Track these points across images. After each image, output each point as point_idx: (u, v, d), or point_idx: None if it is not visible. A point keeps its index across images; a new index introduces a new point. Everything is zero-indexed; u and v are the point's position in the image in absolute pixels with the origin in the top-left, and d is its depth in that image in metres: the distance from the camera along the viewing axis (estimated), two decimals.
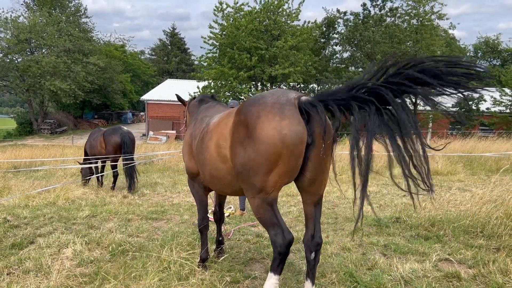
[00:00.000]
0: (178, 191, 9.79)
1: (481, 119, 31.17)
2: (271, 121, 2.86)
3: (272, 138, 2.83)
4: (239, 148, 3.05)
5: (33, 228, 5.83)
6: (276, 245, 3.02)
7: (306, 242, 3.25)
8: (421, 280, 3.86)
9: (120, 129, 10.11)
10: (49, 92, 38.45)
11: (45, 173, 13.30)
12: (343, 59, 34.40)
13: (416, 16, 29.14)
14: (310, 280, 3.27)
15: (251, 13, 27.50)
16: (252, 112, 2.98)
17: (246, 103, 3.16)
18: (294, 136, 2.82)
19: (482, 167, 12.95)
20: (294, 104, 2.90)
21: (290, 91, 3.08)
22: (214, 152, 3.49)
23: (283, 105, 2.89)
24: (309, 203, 3.27)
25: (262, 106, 2.97)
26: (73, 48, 40.03)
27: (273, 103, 2.94)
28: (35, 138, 37.45)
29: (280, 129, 2.82)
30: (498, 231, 4.98)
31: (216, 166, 3.52)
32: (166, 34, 69.80)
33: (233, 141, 3.15)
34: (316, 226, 3.25)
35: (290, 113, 2.85)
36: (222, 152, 3.36)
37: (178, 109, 38.21)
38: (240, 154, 3.04)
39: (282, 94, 3.02)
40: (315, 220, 3.26)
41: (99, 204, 8.00)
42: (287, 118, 2.84)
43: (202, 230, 4.40)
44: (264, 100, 3.01)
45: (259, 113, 2.93)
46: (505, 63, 56.97)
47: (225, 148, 3.31)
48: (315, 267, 3.27)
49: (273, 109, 2.90)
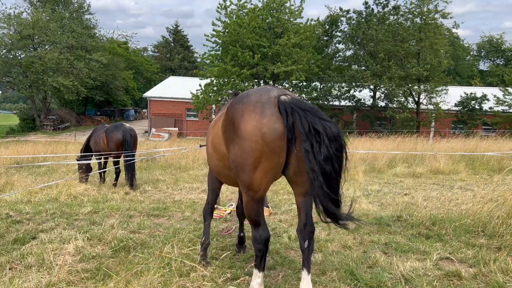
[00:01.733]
0: (179, 188, 9.80)
1: (484, 119, 31.06)
2: (252, 119, 3.04)
3: (253, 136, 3.01)
4: (231, 145, 3.24)
5: (35, 224, 5.85)
6: (255, 242, 3.27)
7: (299, 231, 3.36)
8: (422, 278, 3.86)
9: (122, 126, 10.12)
10: (51, 89, 38.52)
11: (48, 169, 13.34)
12: (346, 57, 34.37)
13: (420, 15, 29.04)
14: (306, 269, 3.35)
15: (254, 10, 27.47)
16: (237, 110, 3.17)
17: (233, 102, 3.34)
18: (273, 133, 2.98)
19: (484, 167, 12.91)
20: (274, 103, 3.05)
21: (272, 89, 3.23)
22: (211, 149, 3.81)
23: (264, 104, 3.07)
24: (299, 193, 3.38)
25: (246, 104, 3.15)
26: (76, 44, 40.06)
27: (255, 102, 3.12)
28: (38, 134, 37.55)
29: (260, 127, 3.00)
30: (499, 230, 4.97)
31: (213, 162, 3.85)
32: (169, 31, 69.81)
33: (225, 138, 3.35)
34: (308, 215, 3.35)
35: (269, 112, 3.02)
36: (218, 148, 3.60)
37: (180, 106, 38.24)
38: (231, 151, 3.23)
39: (264, 93, 3.19)
40: (306, 209, 3.36)
41: (101, 201, 8.02)
42: (266, 117, 3.01)
43: (206, 217, 4.57)
44: (248, 98, 3.19)
45: (243, 112, 3.12)
46: (509, 62, 56.73)
47: (220, 145, 3.51)
48: (309, 255, 3.35)
49: (255, 108, 3.08)
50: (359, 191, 9.11)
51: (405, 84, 28.39)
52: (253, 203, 3.24)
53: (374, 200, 8.06)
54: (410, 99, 30.34)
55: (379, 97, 31.86)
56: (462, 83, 51.68)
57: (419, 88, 28.80)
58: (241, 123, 3.08)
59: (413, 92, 29.75)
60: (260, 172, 3.08)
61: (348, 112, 32.78)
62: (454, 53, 49.72)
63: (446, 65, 29.84)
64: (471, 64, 62.71)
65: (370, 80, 28.91)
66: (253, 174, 3.10)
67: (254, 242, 3.30)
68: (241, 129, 3.07)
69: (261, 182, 3.14)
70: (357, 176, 11.41)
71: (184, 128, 37.75)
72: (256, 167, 3.07)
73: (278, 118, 2.99)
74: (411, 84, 28.71)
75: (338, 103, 32.23)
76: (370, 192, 8.98)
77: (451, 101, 30.91)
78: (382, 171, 12.55)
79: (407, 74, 27.65)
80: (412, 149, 14.79)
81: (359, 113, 32.76)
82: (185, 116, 38.48)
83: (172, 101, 38.45)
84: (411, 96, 30.27)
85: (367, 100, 32.18)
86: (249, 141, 3.02)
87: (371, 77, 28.89)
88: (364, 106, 32.08)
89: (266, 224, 3.33)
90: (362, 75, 29.48)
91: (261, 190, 3.19)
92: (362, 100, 31.78)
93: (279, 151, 3.03)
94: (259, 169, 3.07)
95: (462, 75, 56.98)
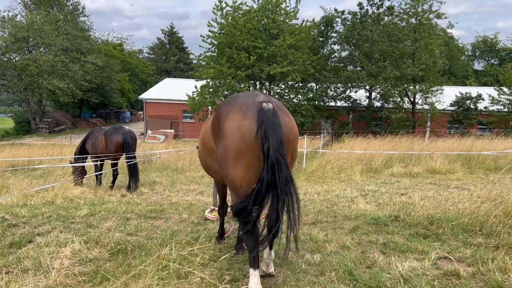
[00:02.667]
0: (176, 190, 9.78)
1: (479, 118, 31.20)
2: (235, 119, 3.35)
3: (234, 134, 3.31)
4: (218, 142, 3.53)
5: (32, 227, 5.81)
6: (245, 239, 3.43)
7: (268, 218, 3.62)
8: (420, 278, 3.86)
9: (121, 128, 10.09)
10: (47, 91, 38.37)
11: (43, 172, 13.27)
12: (342, 58, 34.42)
13: (415, 15, 29.14)
14: (269, 245, 3.70)
15: (249, 12, 27.47)
16: (224, 110, 3.49)
17: (223, 102, 3.68)
18: (252, 134, 3.24)
19: (480, 166, 12.97)
20: (257, 107, 3.34)
21: (259, 95, 3.52)
22: (201, 146, 4.29)
23: (248, 107, 3.37)
24: None
25: (232, 106, 3.47)
26: (71, 47, 39.94)
27: (241, 104, 3.42)
28: (33, 137, 37.37)
29: (241, 127, 3.30)
30: (497, 229, 4.98)
31: (203, 157, 4.36)
32: (165, 33, 69.72)
33: (213, 135, 3.67)
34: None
35: (251, 114, 3.31)
36: (207, 144, 3.99)
37: (176, 108, 38.17)
38: (218, 147, 3.52)
39: (251, 97, 3.50)
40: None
41: (98, 203, 7.98)
42: (248, 118, 3.31)
43: (220, 214, 5.08)
44: (236, 101, 3.52)
45: (228, 112, 3.44)
46: (503, 62, 57.07)
47: (210, 141, 3.86)
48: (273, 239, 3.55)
49: (240, 109, 3.39)
50: (356, 191, 9.13)
51: (400, 84, 28.47)
52: (237, 199, 3.41)
53: (372, 200, 8.07)
54: (405, 99, 30.44)
55: (375, 98, 31.93)
56: (457, 83, 51.93)
57: (414, 88, 28.90)
58: (225, 122, 3.39)
59: (408, 92, 29.85)
60: (240, 168, 3.31)
61: (344, 112, 32.83)
62: (449, 53, 49.94)
63: (441, 65, 29.95)
64: (466, 64, 63.04)
65: (365, 80, 28.97)
66: (233, 170, 3.33)
67: (245, 239, 3.44)
68: (224, 127, 3.38)
69: (241, 179, 3.34)
70: (354, 176, 11.44)
71: (180, 130, 37.68)
72: (236, 163, 3.32)
73: (258, 122, 3.26)
74: (406, 84, 28.80)
75: (334, 103, 32.27)
76: (367, 192, 9.00)
77: (446, 101, 31.03)
78: (379, 171, 12.58)
79: (402, 74, 27.72)
80: (408, 149, 14.84)
81: (355, 114, 32.81)
82: (181, 118, 38.42)
83: (168, 103, 38.37)
84: (407, 96, 30.37)
85: (363, 100, 32.24)
86: (230, 139, 3.32)
87: (367, 77, 28.94)
88: (360, 107, 32.15)
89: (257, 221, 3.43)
90: (357, 75, 29.53)
91: (243, 187, 3.36)
92: (358, 100, 31.84)
93: (256, 150, 3.25)
94: (238, 165, 3.31)
95: (457, 75, 57.26)
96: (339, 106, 32.68)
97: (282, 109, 3.54)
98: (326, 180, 11.18)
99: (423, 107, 30.47)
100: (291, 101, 29.45)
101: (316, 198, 8.39)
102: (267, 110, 3.29)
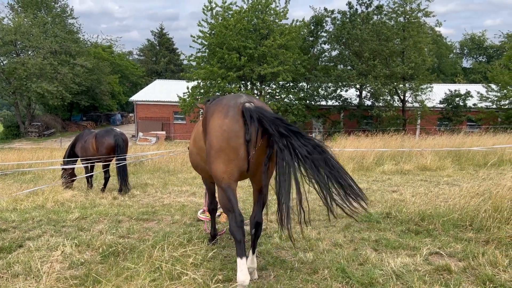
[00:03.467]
0: (168, 192, 9.73)
1: (468, 115, 31.51)
2: (218, 118, 3.64)
3: (216, 132, 3.60)
4: (205, 139, 3.86)
5: (22, 232, 5.75)
6: (231, 229, 3.60)
7: (250, 220, 3.93)
8: (412, 274, 3.88)
9: (112, 130, 10.01)
10: (35, 95, 37.99)
11: (34, 176, 13.13)
12: (332, 57, 34.55)
13: (403, 14, 29.37)
14: (252, 249, 3.94)
15: (239, 12, 27.46)
16: (211, 110, 3.80)
17: (211, 103, 3.98)
18: (231, 132, 3.53)
19: (470, 162, 13.09)
20: (239, 108, 3.59)
21: (242, 97, 3.76)
22: (192, 145, 4.66)
23: (230, 107, 3.63)
24: (255, 190, 3.97)
25: (217, 106, 3.76)
26: (59, 49, 39.59)
27: (224, 105, 3.70)
28: (23, 141, 36.96)
29: (222, 125, 3.58)
30: (486, 224, 5.04)
31: (193, 156, 4.72)
32: (154, 34, 69.37)
33: (203, 134, 4.00)
34: (258, 209, 3.90)
35: (232, 114, 3.58)
36: (198, 143, 4.35)
37: (167, 110, 38.02)
38: (205, 143, 3.84)
39: (234, 98, 3.75)
40: (257, 204, 3.92)
41: (89, 206, 7.91)
42: (229, 118, 3.57)
43: (210, 211, 5.23)
44: (221, 102, 3.80)
45: (213, 112, 3.74)
46: (491, 59, 57.73)
47: (200, 140, 4.21)
48: (255, 240, 3.95)
49: (223, 109, 3.66)
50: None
51: (390, 82, 28.67)
52: (221, 191, 3.68)
53: None
54: (395, 97, 30.65)
55: (365, 96, 32.11)
56: (446, 80, 52.40)
57: (404, 86, 29.12)
58: (210, 121, 3.72)
59: (398, 90, 30.06)
60: (221, 163, 3.60)
61: (335, 111, 32.96)
62: (438, 51, 50.41)
63: (430, 63, 30.21)
64: (455, 61, 63.70)
65: (356, 79, 29.12)
66: (215, 165, 3.63)
67: (230, 229, 3.62)
68: (209, 126, 3.71)
69: (222, 174, 3.61)
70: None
71: (172, 131, 37.53)
72: (216, 158, 3.61)
73: (238, 121, 3.54)
74: (396, 83, 29.01)
75: (325, 103, 32.38)
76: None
77: (436, 99, 31.30)
78: (370, 169, 12.63)
79: (392, 72, 27.93)
80: (399, 146, 14.93)
81: (346, 113, 32.95)
82: (172, 119, 38.26)
83: (159, 105, 38.20)
84: (397, 95, 30.59)
85: (354, 99, 32.40)
86: (212, 136, 3.63)
87: (357, 76, 29.10)
88: (351, 106, 32.30)
89: (239, 211, 3.66)
90: (348, 74, 29.66)
91: (225, 179, 3.61)
92: (348, 99, 31.99)
93: (237, 147, 3.53)
94: (219, 160, 3.60)
95: (446, 73, 57.80)
96: (330, 105, 32.81)
97: (264, 107, 3.76)
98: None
99: (413, 105, 30.70)
100: (282, 101, 29.49)
101: (308, 197, 8.39)
102: (248, 107, 3.58)
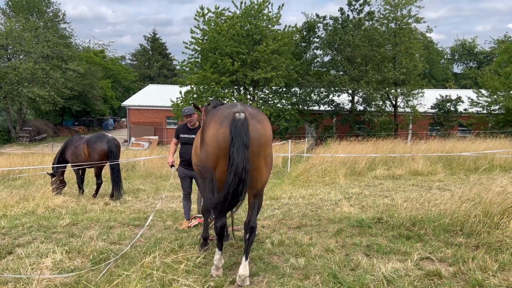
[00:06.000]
0: (160, 197, 9.69)
1: (459, 120, 31.80)
2: (213, 129, 3.79)
3: (212, 142, 3.77)
4: (201, 147, 4.06)
5: (11, 238, 5.69)
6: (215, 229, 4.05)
7: (244, 225, 4.05)
8: (403, 279, 3.91)
9: (105, 136, 9.93)
10: (27, 99, 37.63)
11: (24, 182, 12.99)
12: (324, 62, 34.72)
13: (394, 20, 29.65)
14: (245, 255, 3.98)
15: (232, 18, 27.53)
16: (208, 121, 3.95)
17: (209, 113, 4.12)
18: (226, 142, 3.65)
19: (461, 167, 13.22)
20: (231, 117, 3.71)
21: (236, 105, 3.87)
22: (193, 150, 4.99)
23: (224, 117, 3.76)
24: (250, 195, 4.05)
25: (213, 116, 3.91)
26: (51, 54, 39.31)
27: (219, 115, 3.83)
28: (14, 146, 36.61)
29: (217, 135, 3.74)
30: (476, 229, 5.08)
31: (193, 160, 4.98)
32: (147, 39, 69.19)
33: (201, 142, 4.14)
34: (253, 213, 4.02)
35: (225, 124, 3.71)
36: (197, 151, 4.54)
37: (160, 115, 37.89)
38: (200, 151, 4.05)
39: (228, 108, 3.86)
40: (252, 209, 4.05)
41: (80, 212, 7.85)
42: (223, 128, 3.71)
43: (204, 213, 5.24)
44: (217, 112, 3.94)
45: (210, 122, 3.89)
46: (481, 65, 58.39)
47: (197, 147, 4.46)
48: (249, 245, 4.03)
49: (218, 119, 3.81)
50: (340, 194, 9.20)
51: (382, 88, 28.88)
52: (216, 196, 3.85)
53: (355, 202, 8.14)
54: (387, 102, 30.86)
55: (358, 101, 32.28)
56: (437, 86, 52.82)
57: (396, 91, 29.33)
58: (206, 131, 3.88)
59: (390, 95, 30.28)
60: (217, 172, 3.78)
61: (327, 116, 33.07)
62: (429, 56, 50.88)
63: (421, 69, 30.49)
64: (446, 67, 64.29)
65: (348, 84, 29.28)
66: (213, 175, 3.81)
67: (215, 229, 4.05)
68: (205, 136, 3.87)
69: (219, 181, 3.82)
70: (338, 180, 11.52)
71: (165, 136, 37.38)
72: (215, 167, 3.79)
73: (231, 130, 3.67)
74: (388, 88, 29.22)
75: (318, 108, 32.49)
76: (351, 195, 9.07)
77: (427, 104, 31.57)
78: (362, 174, 12.70)
79: (384, 78, 28.12)
80: (391, 151, 15.02)
81: (338, 118, 33.09)
82: (165, 124, 38.13)
83: (151, 110, 38.08)
84: (389, 100, 30.80)
85: (346, 104, 32.56)
86: (209, 146, 3.80)
87: (349, 81, 29.26)
88: (343, 111, 32.45)
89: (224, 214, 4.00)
90: (340, 80, 29.82)
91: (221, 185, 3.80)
92: (341, 104, 32.14)
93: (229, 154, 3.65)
94: (216, 169, 3.79)
95: (437, 78, 58.30)
96: (322, 110, 32.93)
97: (256, 117, 3.86)
98: (311, 183, 11.23)
99: (404, 110, 30.92)
100: (275, 106, 29.53)
101: (301, 202, 8.43)
102: (237, 119, 3.68)
